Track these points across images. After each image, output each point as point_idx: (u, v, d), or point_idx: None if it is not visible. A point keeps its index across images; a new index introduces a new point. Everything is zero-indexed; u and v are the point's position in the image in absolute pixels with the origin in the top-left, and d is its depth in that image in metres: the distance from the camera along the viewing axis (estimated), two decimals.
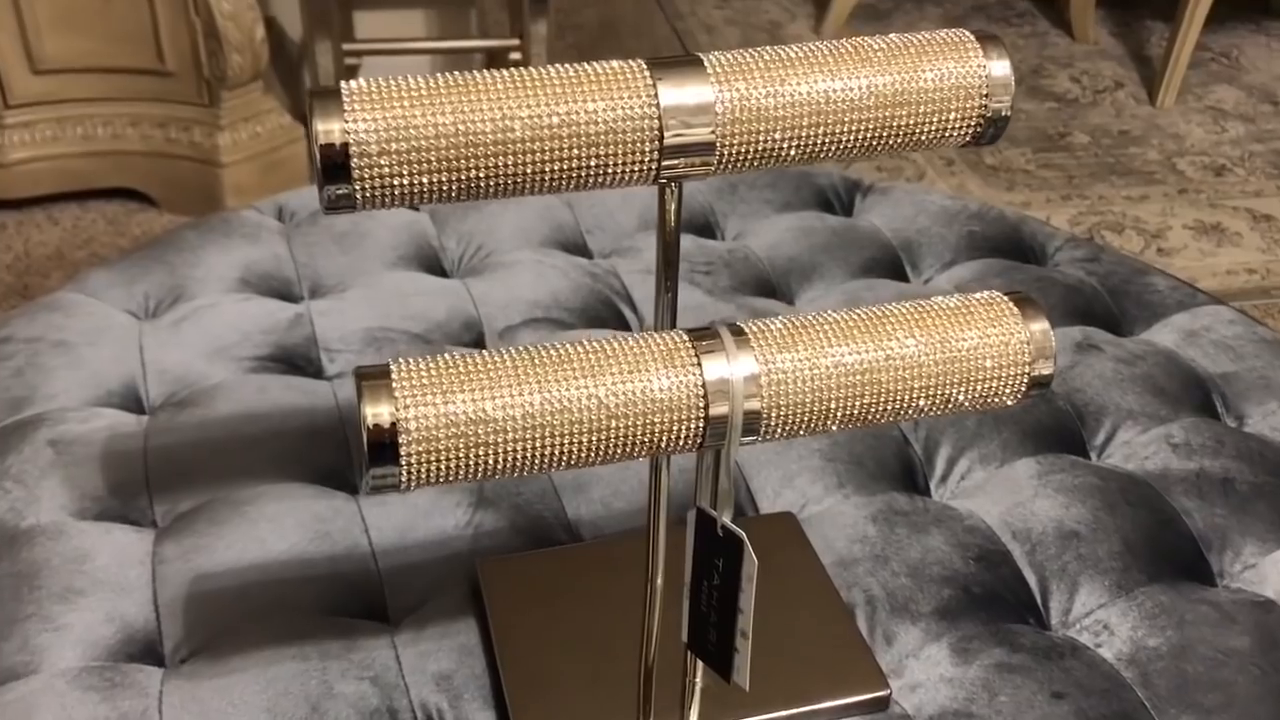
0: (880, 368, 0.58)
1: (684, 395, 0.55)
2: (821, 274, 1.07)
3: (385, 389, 0.53)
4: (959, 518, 0.82)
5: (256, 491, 0.81)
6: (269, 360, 0.94)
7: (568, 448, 0.55)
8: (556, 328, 0.99)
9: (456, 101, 0.54)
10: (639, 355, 0.56)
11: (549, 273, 1.04)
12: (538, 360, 0.55)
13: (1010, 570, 0.79)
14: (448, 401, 0.53)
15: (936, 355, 0.58)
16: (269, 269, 1.04)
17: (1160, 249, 2.19)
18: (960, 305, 0.60)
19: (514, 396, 0.54)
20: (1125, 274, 1.07)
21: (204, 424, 0.87)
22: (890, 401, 0.58)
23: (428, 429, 0.53)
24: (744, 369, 0.56)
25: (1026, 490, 0.84)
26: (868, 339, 0.58)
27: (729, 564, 0.60)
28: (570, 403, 0.54)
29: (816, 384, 0.57)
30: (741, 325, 0.58)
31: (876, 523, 0.81)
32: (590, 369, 0.55)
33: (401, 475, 0.54)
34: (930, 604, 0.76)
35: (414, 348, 0.95)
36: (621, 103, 0.55)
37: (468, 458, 0.54)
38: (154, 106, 1.95)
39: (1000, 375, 0.60)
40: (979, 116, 0.60)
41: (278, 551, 0.77)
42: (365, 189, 0.54)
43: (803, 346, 0.57)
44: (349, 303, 1.00)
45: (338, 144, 0.53)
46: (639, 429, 0.55)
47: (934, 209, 1.15)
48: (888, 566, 0.78)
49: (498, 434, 0.54)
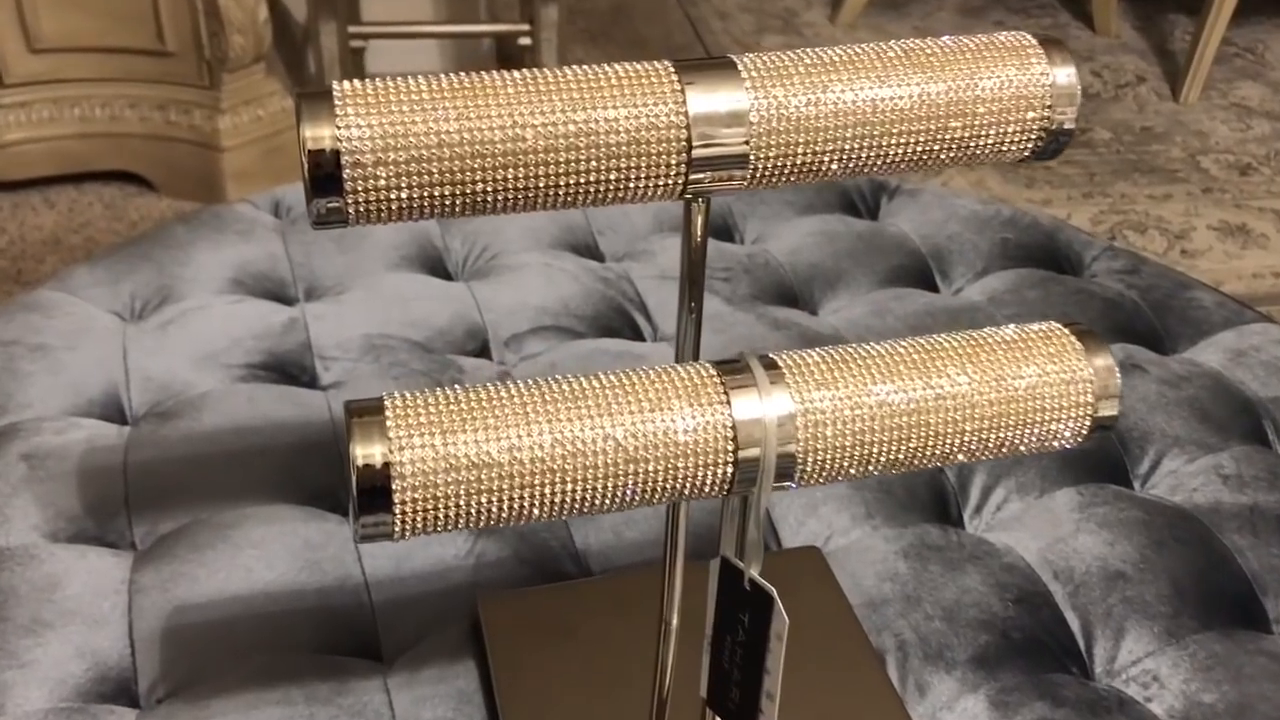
0: (929, 408, 0.52)
1: (711, 437, 0.50)
2: (846, 282, 1.01)
3: (378, 426, 0.48)
4: (996, 554, 0.76)
5: (243, 513, 0.76)
6: (260, 368, 0.88)
7: (580, 495, 0.49)
8: (566, 337, 0.93)
9: (462, 106, 0.48)
10: (661, 391, 0.50)
11: (558, 277, 0.99)
12: (548, 396, 0.49)
13: (1051, 613, 0.73)
14: (448, 442, 0.48)
15: (991, 394, 0.53)
16: (263, 269, 0.99)
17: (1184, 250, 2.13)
18: (1016, 338, 0.55)
19: (522, 437, 0.48)
20: (1168, 287, 1.02)
21: (189, 437, 0.82)
22: (939, 445, 0.53)
23: (425, 473, 0.47)
24: (778, 407, 0.50)
25: (1067, 524, 0.78)
26: (915, 375, 0.52)
27: (757, 620, 0.54)
28: (584, 445, 0.49)
29: (859, 425, 0.51)
30: (774, 357, 0.52)
31: (908, 558, 0.75)
32: (607, 407, 0.49)
33: (395, 524, 0.48)
34: (966, 651, 0.70)
35: (414, 356, 0.90)
36: (645, 110, 0.50)
37: (469, 505, 0.48)
38: (153, 88, 1.90)
39: (1060, 416, 0.54)
40: (1040, 129, 0.54)
41: (264, 581, 0.72)
42: (358, 202, 0.48)
43: (843, 383, 0.51)
44: (347, 306, 0.94)
45: (328, 152, 0.47)
46: (661, 474, 0.50)
47: (965, 214, 1.09)
48: (920, 608, 0.72)
49: (503, 479, 0.48)
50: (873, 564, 0.75)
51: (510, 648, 0.69)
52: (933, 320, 0.95)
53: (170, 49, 1.84)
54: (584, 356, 0.90)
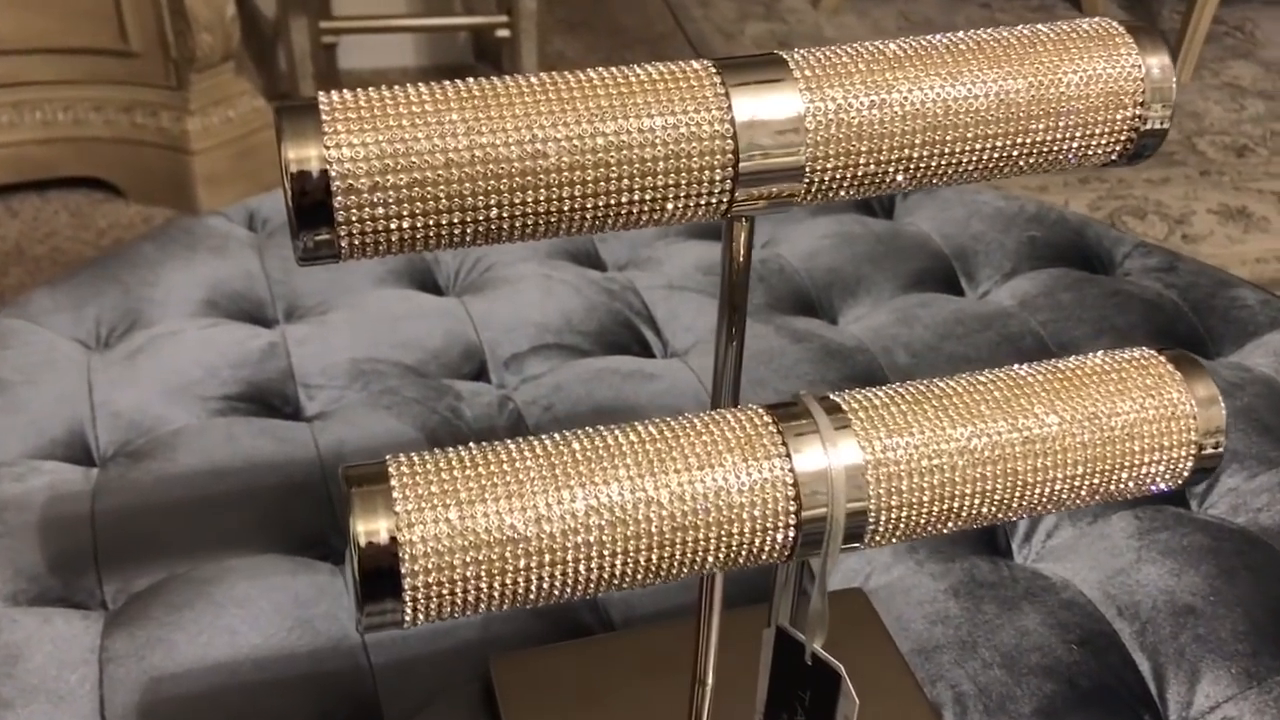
0: (1016, 454, 0.45)
1: (770, 497, 0.43)
2: (867, 288, 0.94)
3: (382, 496, 0.41)
4: (1053, 588, 0.70)
5: (224, 566, 0.69)
6: (239, 400, 0.81)
7: (620, 570, 0.42)
8: (570, 355, 0.86)
9: (472, 118, 0.41)
10: (710, 444, 0.43)
11: (559, 289, 0.92)
12: (579, 454, 0.42)
13: (1119, 656, 0.67)
14: (465, 515, 0.41)
15: (1084, 435, 0.46)
16: (239, 288, 0.91)
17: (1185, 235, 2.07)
18: (1107, 368, 0.48)
19: (551, 506, 0.41)
20: (1208, 286, 0.95)
21: (162, 480, 0.74)
22: (1027, 496, 0.46)
23: (439, 552, 0.40)
24: (845, 458, 0.43)
25: (1127, 554, 0.72)
26: (999, 415, 0.45)
27: (820, 700, 0.48)
28: (624, 512, 0.42)
29: (938, 478, 0.44)
30: (837, 399, 0.45)
31: (959, 597, 0.69)
32: (649, 465, 0.42)
33: (405, 611, 0.41)
34: (1031, 702, 0.64)
35: (407, 382, 0.82)
36: (685, 118, 0.43)
37: (491, 587, 0.41)
38: (118, 90, 1.82)
39: (1160, 458, 0.47)
40: (1131, 129, 0.47)
41: (250, 645, 0.64)
42: (353, 234, 0.41)
43: (918, 427, 0.45)
44: (331, 328, 0.87)
45: (315, 175, 0.40)
46: (713, 542, 0.43)
47: (988, 211, 1.02)
48: (977, 655, 0.66)
49: (530, 556, 0.41)
50: (920, 605, 0.69)
51: (527, 713, 0.62)
52: (963, 328, 0.89)
53: (135, 49, 1.76)
54: (591, 378, 0.83)
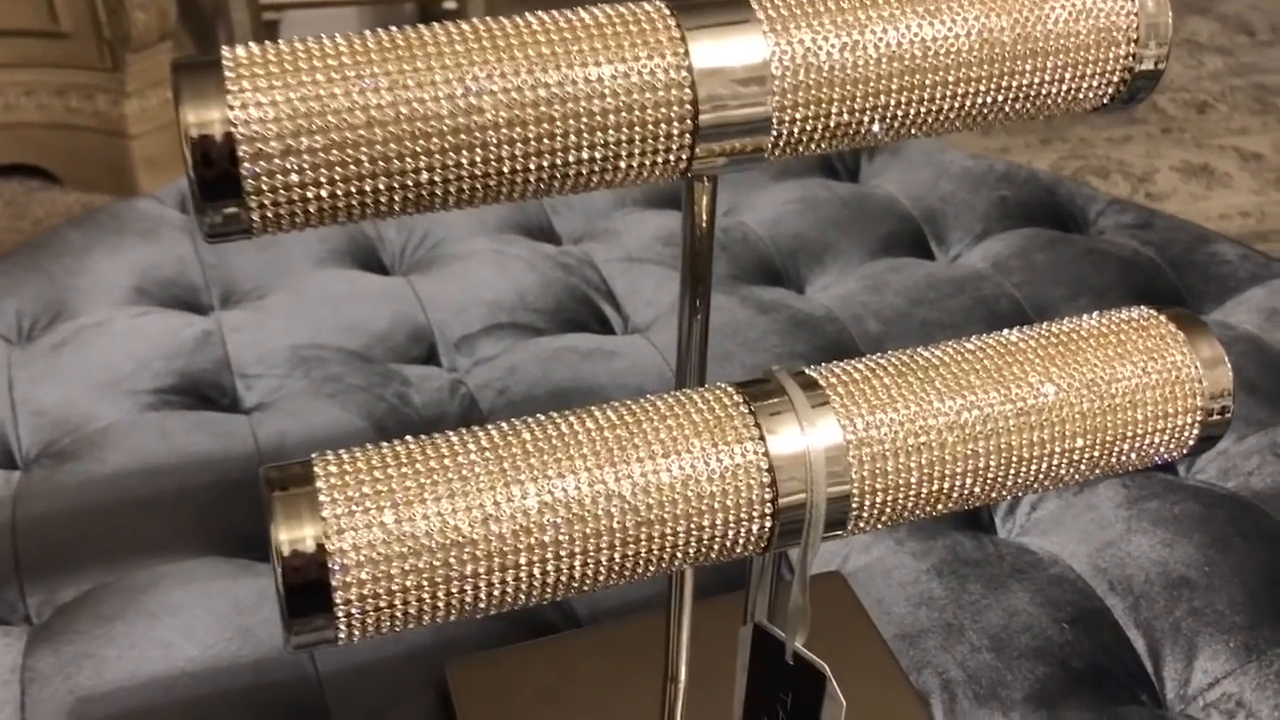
0: (1010, 428, 0.41)
1: (744, 484, 0.39)
2: (834, 254, 0.90)
3: (307, 500, 0.36)
4: (1040, 564, 0.66)
5: (158, 573, 0.64)
6: (171, 393, 0.76)
7: (580, 572, 0.38)
8: (525, 335, 0.82)
9: (396, 71, 0.36)
10: (676, 429, 0.39)
11: (511, 265, 0.87)
12: (531, 445, 0.38)
13: (1113, 633, 0.63)
14: (402, 517, 0.36)
15: (1083, 405, 0.42)
16: (170, 274, 0.86)
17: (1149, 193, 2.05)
18: (1104, 330, 0.44)
19: (500, 504, 0.37)
20: (1185, 241, 0.92)
21: (90, 482, 0.69)
22: (1023, 472, 0.42)
23: (374, 561, 0.36)
24: (824, 438, 0.39)
25: (1116, 525, 0.68)
26: (990, 386, 0.41)
27: (802, 702, 0.44)
28: (582, 508, 0.37)
29: (927, 455, 0.40)
30: (814, 374, 0.41)
31: (942, 577, 0.65)
32: (608, 454, 0.38)
33: (338, 628, 0.37)
34: (1023, 687, 0.60)
35: (351, 369, 0.78)
36: (637, 66, 0.38)
37: (435, 597, 0.37)
38: (50, 73, 1.75)
39: (1165, 427, 0.43)
40: (1124, 70, 0.43)
41: (186, 658, 0.60)
42: (264, 206, 0.36)
43: (903, 401, 0.40)
44: (269, 313, 0.82)
45: (218, 139, 0.35)
46: (682, 537, 0.39)
47: (956, 171, 0.98)
48: (964, 639, 0.62)
49: (478, 561, 0.37)
50: (903, 586, 0.65)
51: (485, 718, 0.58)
52: (936, 293, 0.85)
53: (65, 29, 1.69)
54: (548, 358, 0.79)
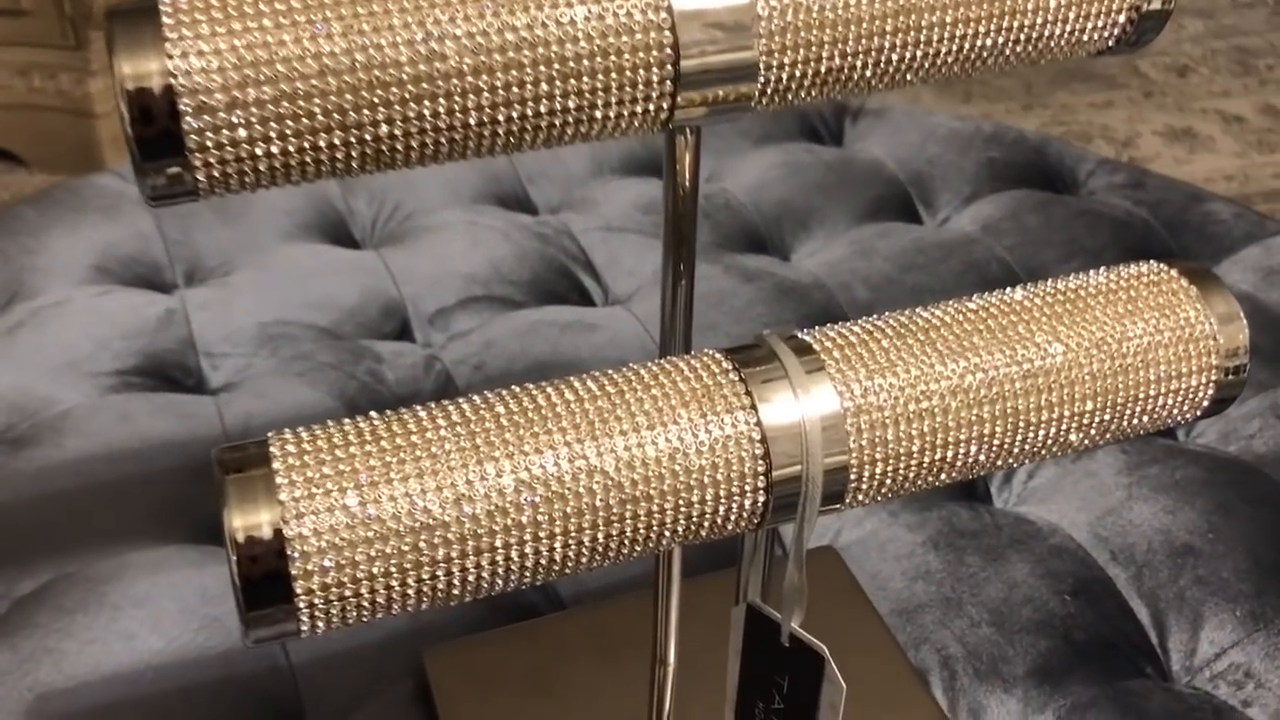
0: (1017, 391, 0.39)
1: (735, 457, 0.36)
2: (820, 220, 0.87)
3: (264, 483, 0.33)
4: (1040, 534, 0.64)
5: (121, 562, 0.61)
6: (134, 374, 0.73)
7: (560, 553, 0.35)
8: (502, 308, 0.79)
9: (350, 14, 0.34)
10: (662, 399, 0.36)
11: (486, 236, 0.84)
12: (506, 419, 0.35)
13: (1116, 604, 0.61)
14: (367, 499, 0.33)
15: (1094, 365, 0.39)
16: (132, 251, 0.83)
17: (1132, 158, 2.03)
18: (1114, 286, 0.41)
19: (473, 483, 0.34)
20: (1179, 201, 0.90)
21: (48, 468, 0.66)
22: (1031, 438, 0.39)
23: (338, 547, 0.33)
24: (820, 405, 0.37)
25: (1116, 492, 0.66)
26: (995, 347, 0.39)
27: (801, 685, 0.41)
28: (563, 485, 0.35)
29: (930, 422, 0.38)
30: (807, 338, 0.38)
31: (939, 550, 0.63)
32: (589, 427, 0.35)
33: (300, 621, 0.34)
34: (1025, 662, 0.58)
35: (321, 346, 0.75)
36: (613, 7, 0.35)
37: (405, 585, 0.34)
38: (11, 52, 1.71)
39: (1179, 387, 0.41)
40: (1131, 9, 0.41)
41: (151, 651, 0.57)
42: (210, 165, 0.34)
43: (903, 365, 0.38)
44: (235, 290, 0.79)
45: (157, 92, 0.32)
46: (669, 515, 0.36)
47: (942, 133, 0.95)
48: (963, 613, 0.60)
49: (450, 545, 0.34)
50: (898, 560, 0.62)
51: (467, 710, 0.55)
52: (925, 258, 0.82)
53: (26, 7, 1.65)
54: (526, 331, 0.76)
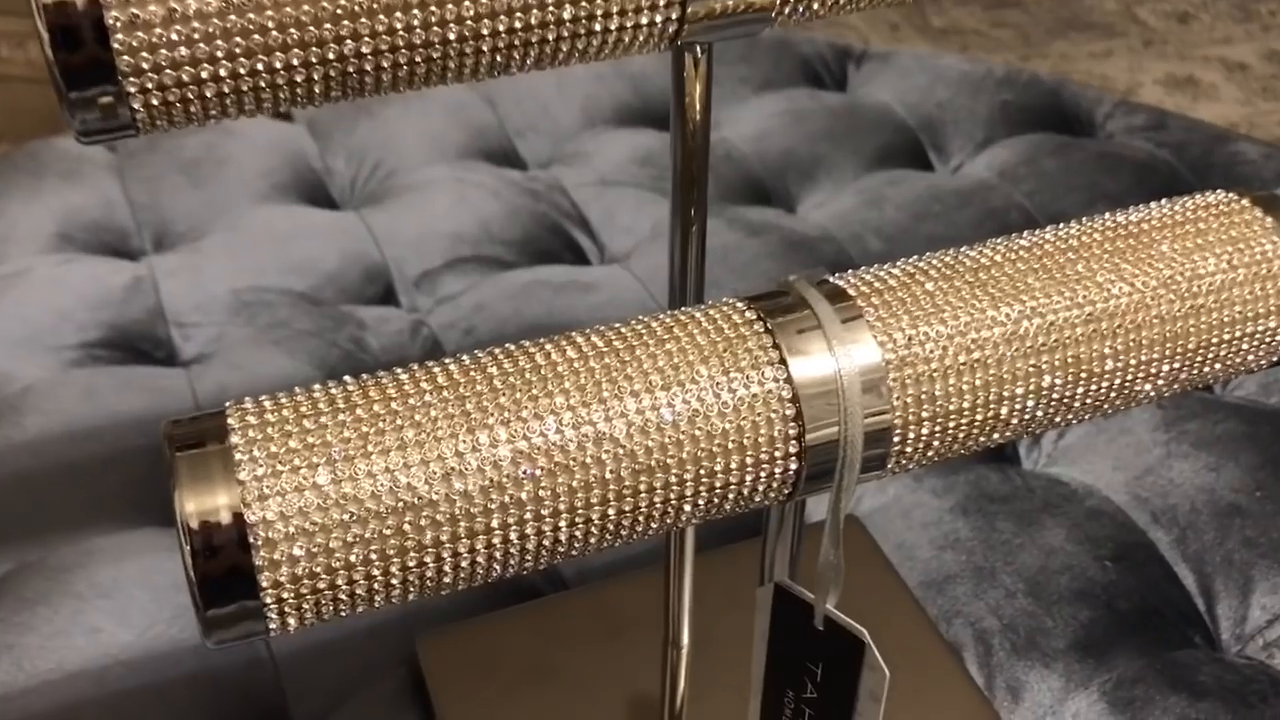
0: (1078, 338, 0.34)
1: (762, 419, 0.31)
2: (827, 169, 0.83)
3: (221, 459, 0.29)
4: (1075, 497, 0.60)
5: (86, 549, 0.56)
6: (99, 347, 0.68)
7: (566, 534, 0.31)
8: (492, 269, 0.74)
9: None
10: (679, 353, 0.32)
11: (473, 194, 0.79)
12: (501, 380, 0.31)
13: (1160, 570, 0.57)
14: (342, 476, 0.29)
15: (1162, 307, 0.35)
16: (96, 217, 0.78)
17: None
18: (1179, 218, 0.37)
19: (465, 455, 0.29)
20: (1203, 142, 0.85)
21: (7, 450, 0.61)
22: (1093, 391, 0.35)
23: (308, 532, 0.28)
24: (859, 358, 0.32)
25: (1154, 449, 0.62)
26: (1053, 288, 0.34)
27: (835, 672, 0.37)
28: (567, 455, 0.30)
29: (982, 375, 0.33)
30: (839, 282, 0.34)
31: (968, 516, 0.59)
32: (595, 388, 0.31)
33: (269, 618, 0.29)
34: (1065, 634, 0.54)
35: (299, 312, 0.70)
36: None
37: (388, 573, 0.30)
38: None
39: (1254, 331, 0.36)
40: None
41: (119, 644, 0.52)
42: (148, 91, 0.29)
43: (950, 310, 0.33)
44: (207, 255, 0.74)
45: (81, 7, 0.27)
46: (689, 486, 0.31)
47: (952, 76, 0.91)
48: (998, 583, 0.56)
49: (440, 526, 0.29)
50: (925, 528, 0.58)
51: (464, 701, 0.51)
52: (940, 206, 0.78)
53: None
54: (518, 293, 0.71)
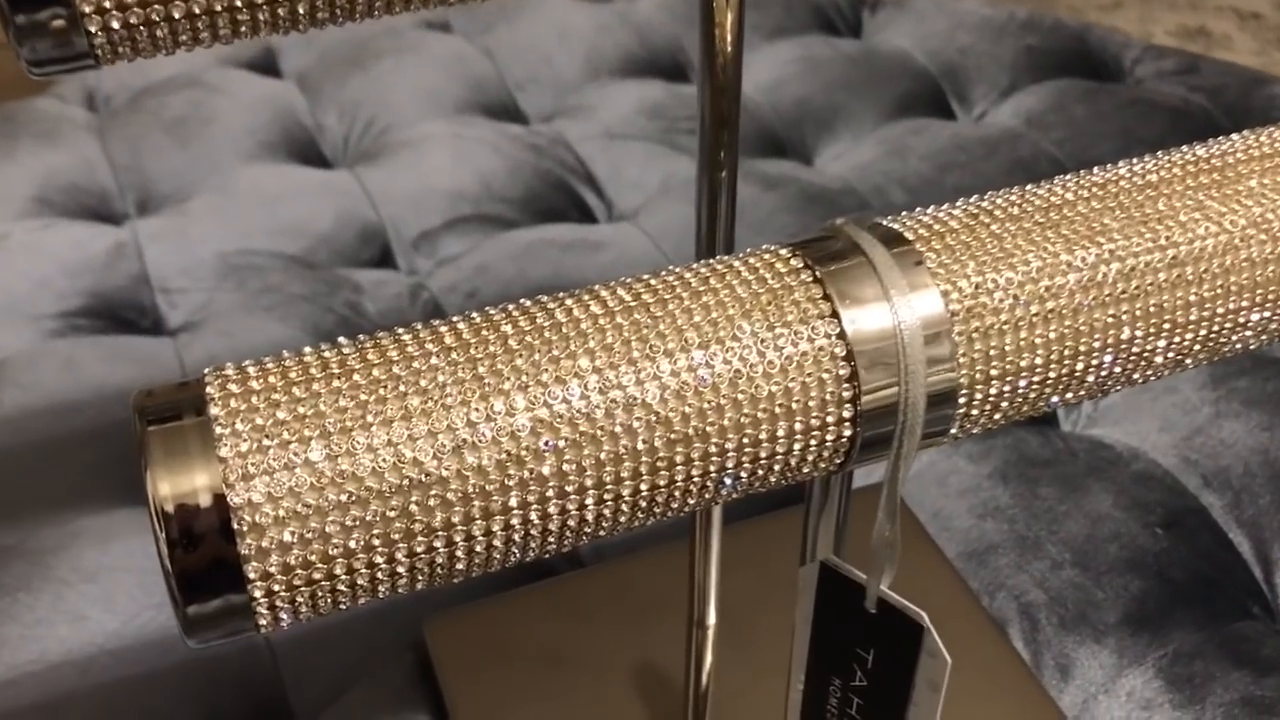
0: (1162, 283, 0.30)
1: (814, 379, 0.28)
2: (845, 120, 0.79)
3: (198, 434, 0.25)
4: (1120, 460, 0.56)
5: (69, 531, 0.53)
6: (81, 316, 0.64)
7: (593, 512, 0.27)
8: (494, 228, 0.70)
9: None
10: (717, 306, 0.28)
11: (473, 149, 0.75)
12: (517, 340, 0.27)
13: (1213, 537, 0.53)
14: (338, 451, 0.25)
15: (1253, 249, 0.31)
16: (76, 180, 0.74)
17: None
18: (1265, 150, 0.33)
19: (479, 426, 0.26)
20: (1239, 85, 0.81)
21: None
22: (1176, 342, 0.31)
23: (301, 514, 0.25)
24: (920, 308, 0.28)
25: (1202, 408, 0.58)
26: (1133, 230, 0.30)
27: (891, 659, 0.33)
28: (593, 424, 0.26)
29: (1058, 326, 0.29)
30: (893, 224, 0.30)
31: (1008, 481, 0.55)
32: (624, 347, 0.27)
33: (259, 614, 0.26)
34: (1117, 607, 0.50)
35: (292, 276, 0.66)
36: None
37: (392, 560, 0.26)
38: None
39: None
40: None
41: (105, 633, 0.49)
42: (105, 13, 0.25)
43: (1020, 254, 0.29)
44: (193, 218, 0.70)
45: None
46: (730, 456, 0.28)
47: (974, 21, 0.86)
48: (1042, 554, 0.52)
49: (451, 506, 0.26)
50: (963, 496, 0.55)
51: (475, 686, 0.48)
52: (966, 155, 0.74)
53: None
54: (522, 253, 0.67)
